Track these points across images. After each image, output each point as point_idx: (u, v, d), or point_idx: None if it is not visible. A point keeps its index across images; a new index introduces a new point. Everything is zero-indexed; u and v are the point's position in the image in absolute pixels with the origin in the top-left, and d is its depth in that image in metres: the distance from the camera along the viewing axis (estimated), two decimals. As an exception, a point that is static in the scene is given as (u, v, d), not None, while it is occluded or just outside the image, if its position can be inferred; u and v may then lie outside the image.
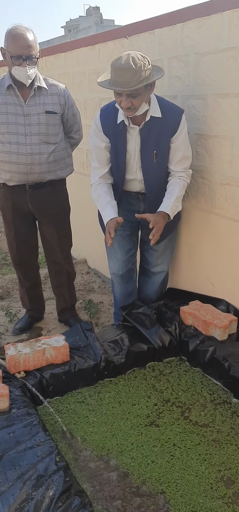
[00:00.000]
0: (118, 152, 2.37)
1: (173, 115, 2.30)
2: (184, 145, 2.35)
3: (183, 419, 1.97)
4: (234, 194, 2.38)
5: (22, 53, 2.38)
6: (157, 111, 2.29)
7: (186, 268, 2.79)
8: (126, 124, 2.30)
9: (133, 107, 2.18)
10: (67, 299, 3.06)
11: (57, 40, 25.74)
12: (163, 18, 2.63)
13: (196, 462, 1.74)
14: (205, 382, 2.21)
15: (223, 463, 1.73)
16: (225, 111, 2.32)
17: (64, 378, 2.14)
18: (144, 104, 2.21)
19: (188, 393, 2.14)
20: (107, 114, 2.37)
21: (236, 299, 2.48)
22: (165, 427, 1.93)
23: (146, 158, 2.34)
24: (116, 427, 1.94)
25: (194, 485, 1.64)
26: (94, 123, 2.41)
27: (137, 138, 2.32)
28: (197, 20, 2.37)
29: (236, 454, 1.77)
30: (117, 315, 2.77)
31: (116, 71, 2.10)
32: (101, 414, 2.02)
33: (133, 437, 1.87)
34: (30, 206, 2.72)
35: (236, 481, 1.65)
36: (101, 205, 2.41)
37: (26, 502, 1.43)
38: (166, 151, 2.34)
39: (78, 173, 3.55)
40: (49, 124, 2.59)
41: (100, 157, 2.44)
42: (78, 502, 1.43)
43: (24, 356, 2.11)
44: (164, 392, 2.15)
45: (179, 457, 1.77)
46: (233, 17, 2.16)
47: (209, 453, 1.78)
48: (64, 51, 3.81)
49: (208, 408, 2.03)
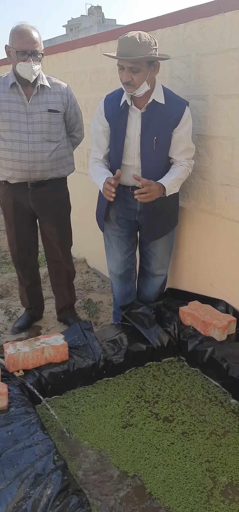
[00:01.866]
0: (117, 135, 2.36)
1: (176, 106, 2.29)
2: (188, 137, 2.34)
3: (178, 418, 1.98)
4: (234, 195, 2.38)
5: (27, 48, 2.40)
6: (161, 97, 2.27)
7: (186, 268, 2.80)
8: (128, 104, 2.29)
9: (133, 83, 2.17)
10: (66, 298, 3.06)
11: (59, 39, 25.77)
12: (164, 19, 2.63)
13: (192, 462, 1.74)
14: (203, 382, 2.21)
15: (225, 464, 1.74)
16: (226, 112, 2.32)
17: (63, 377, 2.14)
18: (145, 84, 2.19)
19: (185, 393, 2.14)
20: (112, 98, 2.39)
21: (235, 299, 2.48)
22: (161, 426, 1.93)
23: (146, 144, 2.31)
24: (114, 426, 1.94)
25: (187, 485, 1.64)
26: (98, 107, 2.43)
27: (137, 122, 2.31)
28: (199, 21, 2.37)
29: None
30: (116, 315, 2.77)
31: (121, 42, 2.13)
32: (99, 414, 2.02)
33: (131, 436, 1.88)
34: (31, 204, 2.72)
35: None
36: (98, 175, 2.39)
37: (23, 501, 1.43)
38: (167, 140, 2.32)
39: (79, 173, 3.55)
40: (51, 122, 2.60)
41: (98, 142, 2.45)
42: (76, 501, 1.43)
43: (23, 355, 2.11)
44: (161, 392, 2.15)
45: (176, 458, 1.77)
46: (235, 18, 2.16)
47: (208, 454, 1.79)
48: (66, 50, 3.81)
49: (205, 407, 2.03)
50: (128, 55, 2.10)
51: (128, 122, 2.33)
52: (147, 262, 2.65)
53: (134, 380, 2.24)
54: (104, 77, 3.29)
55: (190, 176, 2.57)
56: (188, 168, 2.38)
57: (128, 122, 2.33)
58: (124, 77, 2.16)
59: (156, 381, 2.24)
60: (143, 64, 2.13)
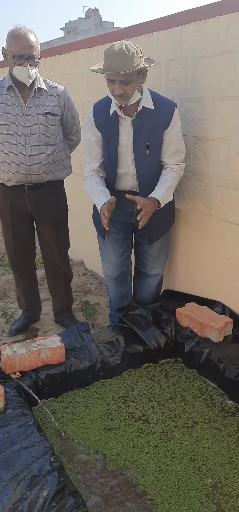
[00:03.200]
0: (110, 145, 2.37)
1: (165, 108, 2.30)
2: (178, 139, 2.34)
3: (174, 418, 1.98)
4: (230, 197, 2.39)
5: (24, 52, 2.40)
6: (150, 102, 2.28)
7: (183, 270, 2.80)
8: (118, 114, 2.30)
9: (126, 95, 2.18)
10: (64, 300, 3.06)
11: (57, 41, 25.80)
12: (161, 21, 2.64)
13: (186, 463, 1.75)
14: (200, 383, 2.21)
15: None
16: (222, 114, 2.33)
17: (60, 379, 2.14)
18: (136, 93, 2.20)
19: (183, 393, 2.14)
20: (100, 108, 2.39)
21: (231, 301, 2.49)
22: (157, 425, 1.94)
23: (139, 150, 2.33)
24: (112, 427, 1.94)
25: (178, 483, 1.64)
26: (87, 117, 2.42)
27: (129, 129, 2.32)
28: (195, 24, 2.38)
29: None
30: (113, 318, 2.77)
31: (110, 57, 2.12)
32: (96, 415, 2.02)
33: (127, 437, 1.88)
34: (28, 206, 2.72)
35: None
36: (94, 194, 2.41)
37: (20, 502, 1.43)
38: (159, 143, 2.33)
39: (76, 175, 3.55)
40: (48, 125, 2.60)
41: (92, 152, 2.46)
42: (72, 502, 1.43)
43: (20, 356, 2.11)
44: (158, 392, 2.15)
45: (172, 459, 1.78)
46: (230, 21, 2.18)
47: (204, 455, 1.79)
48: (63, 53, 3.82)
49: (200, 408, 2.04)
50: (120, 69, 2.09)
51: (120, 131, 2.34)
52: (142, 263, 2.66)
53: (130, 382, 2.24)
54: (101, 79, 3.28)
55: (186, 178, 2.59)
56: (179, 173, 2.39)
57: (120, 131, 2.34)
58: (116, 90, 2.16)
59: (152, 382, 2.24)
60: (134, 75, 2.14)
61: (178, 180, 2.40)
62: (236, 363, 2.12)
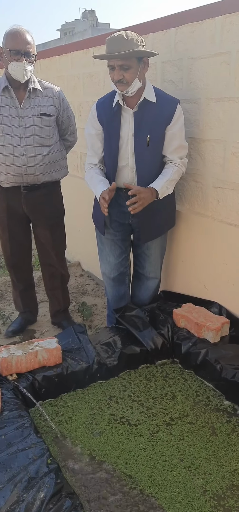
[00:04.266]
0: (111, 137, 2.38)
1: (168, 104, 2.30)
2: (181, 134, 2.35)
3: (170, 420, 1.98)
4: (226, 198, 2.39)
5: (21, 48, 2.42)
6: (152, 95, 2.29)
7: (179, 270, 2.81)
8: (121, 104, 2.31)
9: (125, 81, 2.19)
10: (60, 301, 3.06)
11: (53, 43, 25.78)
12: (156, 23, 2.65)
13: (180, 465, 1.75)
14: (196, 384, 2.21)
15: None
16: (218, 115, 2.34)
17: (57, 381, 2.14)
18: (136, 81, 2.21)
19: (180, 395, 2.14)
20: (103, 101, 2.41)
21: (228, 301, 2.49)
22: (153, 424, 1.94)
23: (139, 143, 2.33)
24: (107, 428, 1.94)
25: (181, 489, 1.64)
26: (91, 112, 2.45)
27: (130, 121, 2.33)
28: (190, 25, 2.39)
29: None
30: (110, 318, 2.77)
31: (109, 42, 2.17)
32: (93, 417, 2.02)
33: (122, 439, 1.88)
34: (25, 208, 2.72)
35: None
36: (94, 183, 2.42)
37: (17, 504, 1.43)
38: (160, 138, 2.33)
39: (72, 176, 3.56)
40: (44, 126, 2.60)
41: (93, 145, 2.48)
42: (69, 504, 1.43)
43: (17, 358, 2.10)
44: (155, 393, 2.15)
45: (171, 459, 1.78)
46: (225, 22, 2.19)
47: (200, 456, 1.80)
48: (59, 54, 3.82)
49: (196, 408, 2.04)
50: (117, 51, 2.12)
51: (121, 123, 2.34)
52: (141, 265, 2.66)
53: (126, 383, 2.24)
54: (97, 81, 3.30)
55: (183, 179, 2.59)
56: (181, 167, 2.39)
57: (121, 123, 2.34)
58: (116, 76, 2.18)
59: (148, 383, 2.24)
60: (133, 61, 2.16)
61: (179, 174, 2.40)
62: (233, 364, 2.12)
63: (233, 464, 1.74)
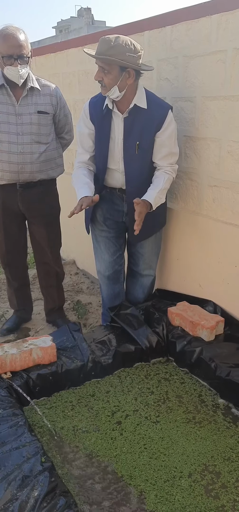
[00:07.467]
0: (102, 138, 2.36)
1: (159, 110, 2.28)
2: (171, 141, 2.32)
3: (168, 418, 1.99)
4: (221, 196, 2.40)
5: (13, 52, 2.38)
6: (143, 102, 2.27)
7: (174, 269, 2.81)
8: (110, 108, 2.30)
9: (103, 84, 2.19)
10: (55, 299, 3.05)
11: (48, 40, 25.66)
12: (152, 20, 2.64)
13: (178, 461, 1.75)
14: (191, 382, 2.22)
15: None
16: (213, 114, 2.34)
17: (51, 379, 2.13)
18: (115, 88, 2.18)
19: (175, 392, 2.14)
20: (96, 101, 2.39)
21: (223, 300, 2.49)
22: (150, 424, 1.94)
23: (128, 149, 2.32)
24: (102, 426, 1.94)
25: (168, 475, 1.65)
26: (83, 110, 2.43)
27: (120, 126, 2.32)
28: (186, 23, 2.38)
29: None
30: (105, 316, 2.77)
31: (99, 41, 2.16)
32: (87, 415, 2.01)
33: (116, 435, 1.88)
34: (20, 205, 2.71)
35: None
36: (79, 184, 2.36)
37: (11, 503, 1.42)
38: (149, 144, 2.32)
39: (68, 174, 3.53)
40: (41, 124, 2.59)
41: (83, 144, 2.45)
42: (63, 503, 1.43)
43: (11, 356, 2.10)
44: (150, 392, 2.15)
45: (164, 456, 1.78)
46: (221, 20, 2.18)
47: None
48: (54, 51, 3.80)
49: (193, 407, 2.04)
50: (98, 52, 2.12)
51: (112, 125, 2.34)
52: (135, 263, 2.66)
53: (122, 381, 2.24)
54: (93, 78, 3.28)
55: (178, 178, 2.59)
56: (172, 174, 2.38)
57: (112, 125, 2.34)
58: (96, 75, 2.19)
59: (143, 381, 2.24)
60: (113, 67, 2.13)
61: (170, 182, 2.39)
62: (228, 362, 2.13)
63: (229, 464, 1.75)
